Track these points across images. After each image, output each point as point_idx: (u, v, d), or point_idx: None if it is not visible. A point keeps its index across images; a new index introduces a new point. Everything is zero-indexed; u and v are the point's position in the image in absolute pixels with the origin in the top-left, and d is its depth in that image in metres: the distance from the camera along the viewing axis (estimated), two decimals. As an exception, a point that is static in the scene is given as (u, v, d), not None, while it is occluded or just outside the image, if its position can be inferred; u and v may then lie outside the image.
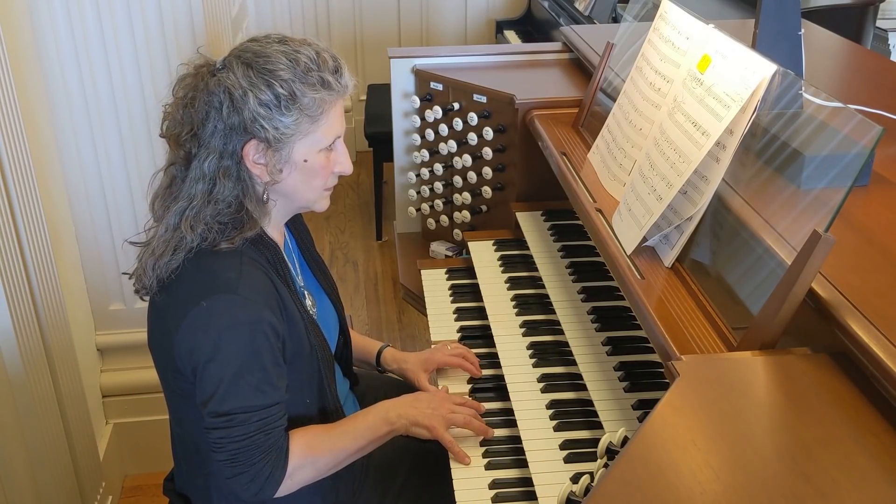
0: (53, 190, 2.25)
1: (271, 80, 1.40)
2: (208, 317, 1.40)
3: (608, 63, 2.06)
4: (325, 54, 1.46)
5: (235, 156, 1.43)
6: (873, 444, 1.03)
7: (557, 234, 2.12)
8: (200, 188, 1.43)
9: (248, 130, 1.41)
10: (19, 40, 2.06)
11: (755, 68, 1.34)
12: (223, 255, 1.44)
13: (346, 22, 4.77)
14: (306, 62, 1.42)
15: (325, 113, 1.45)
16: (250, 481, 1.44)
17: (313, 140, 1.46)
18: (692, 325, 1.33)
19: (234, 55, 1.45)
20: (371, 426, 1.56)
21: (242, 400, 1.41)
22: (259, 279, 1.45)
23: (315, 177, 1.50)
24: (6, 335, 1.88)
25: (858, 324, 1.12)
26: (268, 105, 1.40)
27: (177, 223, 1.44)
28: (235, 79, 1.40)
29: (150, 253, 1.47)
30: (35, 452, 2.02)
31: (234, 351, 1.40)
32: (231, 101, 1.40)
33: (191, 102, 1.43)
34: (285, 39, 1.46)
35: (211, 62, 1.46)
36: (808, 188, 1.40)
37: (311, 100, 1.42)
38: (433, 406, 1.60)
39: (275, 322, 1.43)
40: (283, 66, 1.41)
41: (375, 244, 4.15)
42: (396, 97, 2.52)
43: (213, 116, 1.41)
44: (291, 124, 1.42)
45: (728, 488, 0.97)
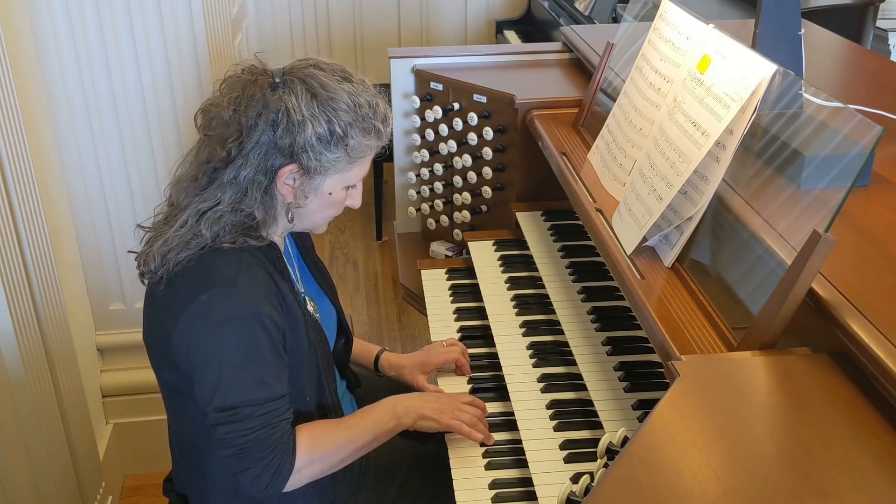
0: (53, 190, 2.25)
1: (332, 118, 1.44)
2: (207, 310, 1.41)
3: (608, 63, 2.06)
4: (380, 103, 1.51)
5: (271, 173, 1.45)
6: (873, 444, 1.03)
7: (557, 234, 2.12)
8: (229, 196, 1.45)
9: (294, 155, 1.44)
10: (19, 41, 2.06)
11: (755, 68, 1.34)
12: (224, 251, 1.45)
13: (346, 22, 4.77)
14: (365, 108, 1.47)
15: (363, 157, 1.51)
16: (258, 476, 1.44)
17: (344, 178, 1.51)
18: (692, 325, 1.33)
19: (299, 77, 1.46)
20: (378, 420, 1.58)
21: (246, 393, 1.41)
22: (258, 274, 1.46)
23: (332, 207, 1.55)
24: (6, 335, 1.88)
25: (858, 324, 1.12)
26: (320, 139, 1.43)
27: (196, 220, 1.45)
28: (297, 103, 1.42)
29: (164, 242, 1.47)
30: (35, 452, 2.02)
31: (235, 344, 1.41)
32: (288, 122, 1.42)
33: (244, 108, 1.44)
34: (349, 77, 1.50)
35: (268, 71, 1.48)
36: (808, 188, 1.40)
37: (358, 143, 1.47)
38: (441, 401, 1.63)
39: (274, 315, 1.44)
40: (344, 107, 1.45)
41: (375, 244, 4.15)
42: (396, 97, 2.52)
43: (262, 130, 1.43)
44: (333, 160, 1.46)
45: (728, 488, 0.97)
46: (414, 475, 1.72)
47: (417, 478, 1.72)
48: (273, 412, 1.44)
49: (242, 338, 1.41)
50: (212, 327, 1.41)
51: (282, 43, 4.70)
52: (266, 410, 1.43)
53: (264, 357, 1.43)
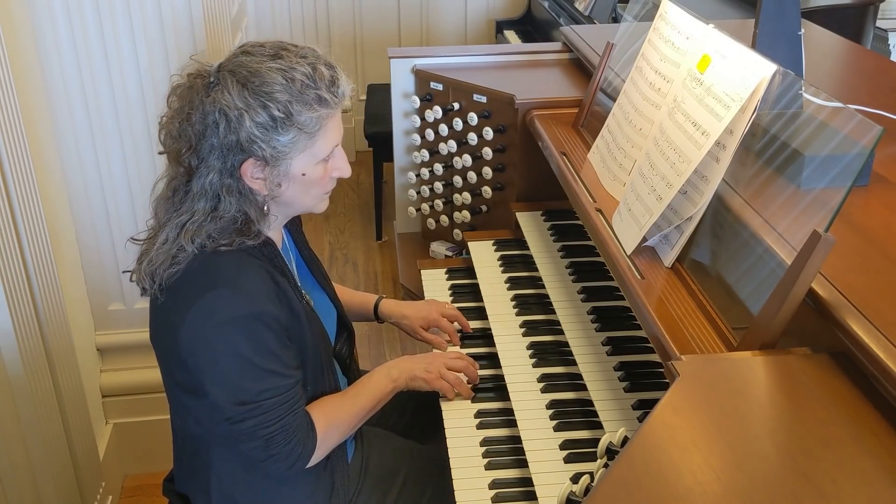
0: (53, 190, 2.25)
1: (267, 102, 1.38)
2: (211, 311, 1.42)
3: (608, 63, 2.06)
4: (321, 67, 1.44)
5: (234, 173, 1.43)
6: (873, 444, 1.03)
7: (557, 234, 2.12)
8: (203, 205, 1.43)
9: (245, 150, 1.40)
10: (19, 41, 2.06)
11: (755, 68, 1.34)
12: (222, 253, 1.45)
13: (346, 22, 4.77)
14: (302, 79, 1.40)
15: (322, 127, 1.44)
16: (286, 459, 1.49)
17: (311, 154, 1.46)
18: (692, 325, 1.33)
19: (228, 70, 1.42)
20: (377, 385, 1.67)
21: (263, 386, 1.44)
22: (258, 273, 1.46)
23: (314, 186, 1.51)
24: (6, 335, 1.88)
25: (858, 324, 1.12)
26: (264, 126, 1.39)
27: (176, 235, 1.44)
28: (231, 99, 1.38)
29: (150, 261, 1.47)
30: (35, 452, 2.02)
31: (242, 342, 1.42)
32: (227, 121, 1.39)
33: (187, 117, 1.42)
34: (279, 53, 1.43)
35: (204, 72, 1.44)
36: (808, 188, 1.40)
37: (307, 118, 1.41)
38: (429, 361, 1.75)
39: (276, 312, 1.45)
40: (278, 87, 1.39)
41: (375, 244, 4.15)
42: (396, 97, 2.52)
43: (209, 134, 1.40)
44: (288, 143, 1.41)
45: (728, 488, 0.97)
46: (414, 475, 1.72)
47: (417, 478, 1.72)
48: (291, 399, 1.48)
49: (248, 336, 1.42)
50: (217, 326, 1.42)
51: (282, 43, 4.69)
52: (285, 399, 1.46)
53: (272, 351, 1.45)
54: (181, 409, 1.60)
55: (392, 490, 1.69)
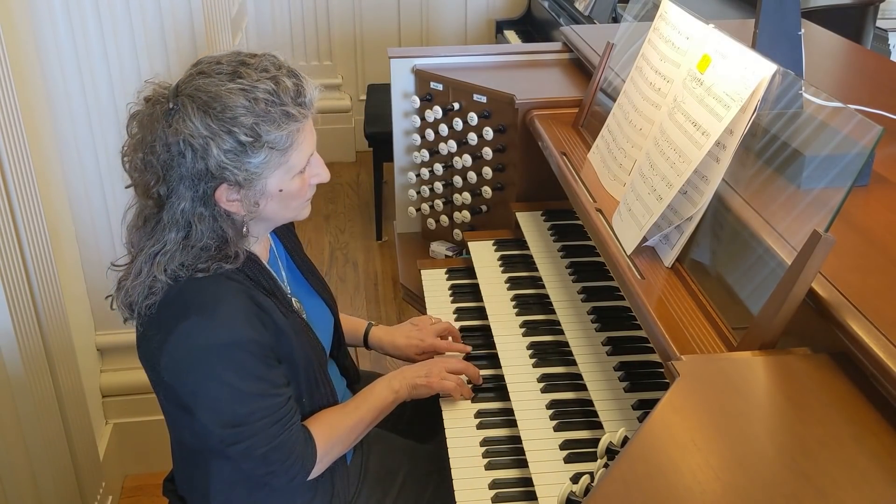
0: (53, 190, 2.25)
1: (231, 128, 1.32)
2: (188, 340, 1.39)
3: (608, 63, 2.06)
4: (283, 80, 1.37)
5: (208, 200, 1.38)
6: (873, 444, 1.03)
7: (557, 234, 2.12)
8: (174, 236, 1.38)
9: (217, 176, 1.35)
10: (19, 41, 2.06)
11: (755, 68, 1.34)
12: (198, 280, 1.41)
13: (346, 22, 4.77)
14: (266, 97, 1.34)
15: (294, 141, 1.39)
16: (284, 474, 1.49)
17: (286, 169, 1.41)
18: (692, 325, 1.33)
19: (187, 95, 1.35)
20: (379, 397, 1.66)
21: (252, 407, 1.42)
22: (234, 297, 1.42)
23: (295, 198, 1.46)
24: (6, 335, 1.88)
25: (858, 324, 1.12)
26: (232, 152, 1.34)
27: (150, 267, 1.40)
28: (194, 127, 1.32)
29: (125, 293, 1.44)
30: (35, 452, 2.02)
31: (224, 370, 1.40)
32: (192, 150, 1.33)
33: (150, 149, 1.36)
34: (238, 71, 1.36)
35: (162, 97, 1.37)
36: (808, 188, 1.40)
37: (277, 136, 1.36)
38: (428, 367, 1.75)
39: (255, 337, 1.41)
40: (242, 110, 1.33)
41: (375, 244, 4.15)
42: (396, 97, 2.51)
43: (176, 163, 1.35)
44: (261, 163, 1.36)
45: (728, 488, 0.97)
46: (414, 475, 1.72)
47: (418, 478, 1.72)
48: (284, 417, 1.46)
49: (228, 364, 1.40)
50: (196, 356, 1.39)
51: (282, 43, 4.69)
52: (277, 418, 1.44)
53: (256, 375, 1.42)
54: (177, 423, 1.59)
55: (392, 490, 1.69)
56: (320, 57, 4.80)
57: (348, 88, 4.92)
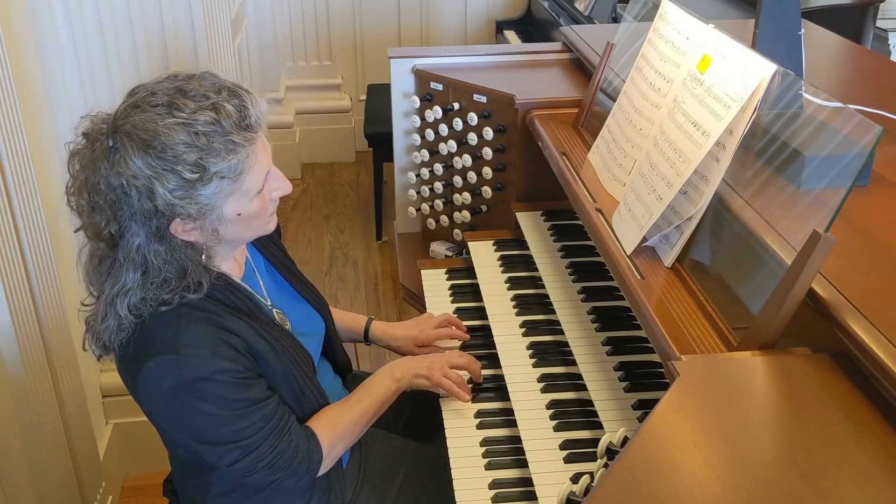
0: (53, 190, 2.25)
1: (175, 167, 1.26)
2: (158, 379, 1.36)
3: (608, 63, 2.06)
4: (224, 105, 1.29)
5: (164, 235, 1.33)
6: (873, 444, 1.03)
7: (557, 234, 2.12)
8: (132, 276, 1.33)
9: (167, 214, 1.30)
10: (19, 40, 2.06)
11: (755, 68, 1.34)
12: (161, 315, 1.37)
13: (346, 22, 4.77)
14: (207, 130, 1.27)
15: (245, 166, 1.32)
16: (292, 475, 1.49)
17: (242, 193, 1.35)
18: (692, 325, 1.33)
19: (125, 132, 1.28)
20: (380, 387, 1.66)
21: (239, 425, 1.40)
22: (199, 330, 1.37)
23: (256, 218, 1.41)
24: (6, 335, 1.88)
25: (858, 324, 1.12)
26: (179, 188, 1.27)
27: (114, 309, 1.35)
28: (136, 167, 1.26)
29: (96, 337, 1.40)
30: (35, 452, 2.02)
31: (198, 403, 1.37)
32: (137, 190, 1.28)
33: (94, 189, 1.31)
34: (175, 102, 1.28)
35: (100, 133, 1.31)
36: (808, 188, 1.40)
37: (225, 167, 1.29)
38: (431, 360, 1.73)
39: (227, 366, 1.38)
40: (183, 147, 1.26)
41: (375, 244, 4.15)
42: (396, 97, 2.52)
43: (124, 202, 1.29)
44: (213, 194, 1.30)
45: (728, 488, 0.97)
46: (414, 475, 1.72)
47: (417, 478, 1.72)
48: (278, 425, 1.45)
49: (202, 396, 1.37)
50: (169, 395, 1.37)
51: (282, 43, 4.70)
52: (272, 427, 1.44)
53: (236, 399, 1.39)
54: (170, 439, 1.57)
55: (391, 490, 1.69)
56: (320, 57, 4.80)
57: (348, 88, 4.92)
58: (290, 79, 4.79)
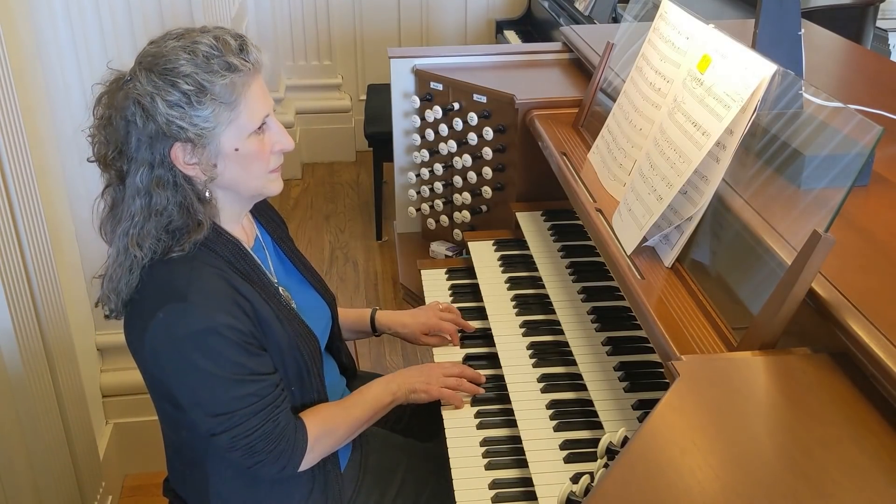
0: (53, 190, 2.25)
1: (174, 79, 1.36)
2: (165, 328, 1.40)
3: (608, 63, 2.06)
4: (226, 37, 1.41)
5: (166, 163, 1.40)
6: (873, 444, 1.03)
7: (557, 234, 2.12)
8: (139, 204, 1.40)
9: (168, 135, 1.37)
10: (19, 40, 2.06)
11: (755, 68, 1.34)
12: (174, 262, 1.42)
13: (346, 22, 4.77)
14: (206, 51, 1.38)
15: (241, 96, 1.40)
16: (272, 464, 1.49)
17: (238, 126, 1.42)
18: (692, 325, 1.33)
19: (137, 62, 1.41)
20: (377, 397, 1.67)
21: (232, 394, 1.42)
22: (211, 282, 1.42)
23: (253, 162, 1.46)
24: (6, 335, 1.88)
25: (858, 324, 1.12)
26: (178, 104, 1.36)
27: (125, 245, 1.42)
28: (142, 86, 1.37)
29: (109, 279, 1.46)
30: (35, 452, 2.02)
31: (199, 357, 1.40)
32: (142, 110, 1.36)
33: (108, 121, 1.41)
34: (183, 34, 1.42)
35: (121, 76, 1.43)
36: (808, 188, 1.40)
37: (221, 87, 1.38)
38: (427, 374, 1.74)
39: (233, 322, 1.41)
40: (183, 62, 1.37)
41: (375, 244, 4.15)
42: (396, 97, 2.51)
43: (132, 130, 1.38)
44: (209, 117, 1.38)
45: (728, 488, 0.97)
46: (413, 475, 1.72)
47: (417, 478, 1.72)
48: (270, 405, 1.46)
49: (204, 350, 1.40)
50: (174, 345, 1.40)
51: (282, 43, 4.70)
52: (261, 407, 1.44)
53: (233, 361, 1.42)
54: (171, 422, 1.59)
55: (391, 488, 1.69)
56: (320, 57, 4.80)
57: (348, 88, 4.92)
58: (290, 78, 4.79)
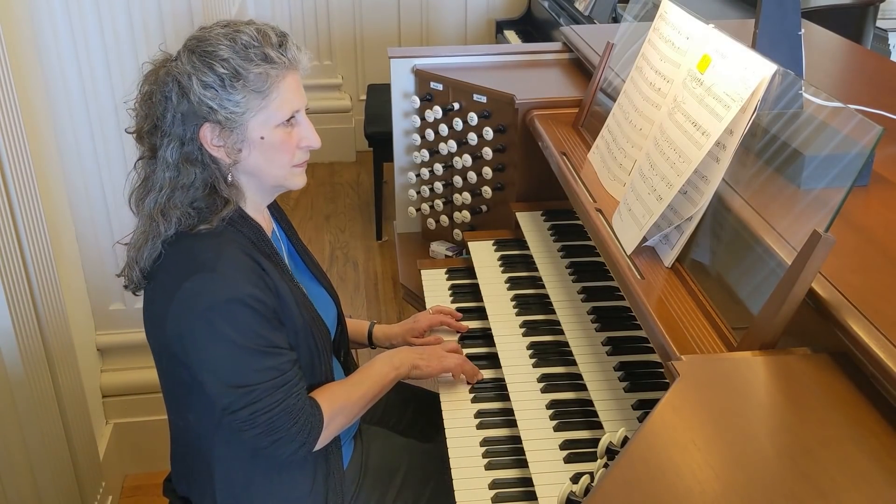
0: (53, 190, 2.25)
1: (211, 62, 1.42)
2: (192, 297, 1.42)
3: (608, 63, 2.06)
4: (268, 30, 1.47)
5: (195, 141, 1.45)
6: (873, 444, 1.03)
7: (557, 234, 2.12)
8: (168, 175, 1.46)
9: (199, 114, 1.43)
10: (19, 40, 2.06)
11: (755, 68, 1.34)
12: (202, 236, 1.46)
13: (346, 22, 4.77)
14: (247, 39, 1.43)
15: (273, 87, 1.45)
16: (290, 443, 1.49)
17: (266, 116, 1.46)
18: (692, 325, 1.33)
19: (184, 44, 1.47)
20: (380, 373, 1.68)
21: (255, 366, 1.44)
22: (238, 257, 1.46)
23: (277, 153, 1.49)
24: (6, 335, 1.88)
25: (858, 324, 1.12)
26: (212, 86, 1.41)
27: (150, 212, 1.47)
28: (182, 66, 1.43)
29: (132, 246, 1.51)
30: (35, 452, 2.02)
31: (226, 326, 1.42)
32: (179, 88, 1.43)
33: (148, 97, 1.47)
34: (230, 23, 1.48)
35: (170, 56, 1.49)
36: (808, 188, 1.40)
37: (255, 75, 1.42)
38: (428, 352, 1.78)
39: (259, 294, 1.45)
40: (223, 47, 1.42)
41: (375, 244, 4.15)
42: (396, 97, 2.52)
43: (168, 106, 1.44)
44: (240, 101, 1.42)
45: (728, 488, 0.97)
46: (414, 475, 1.72)
47: (417, 478, 1.72)
48: (290, 381, 1.48)
49: (231, 320, 1.42)
50: (200, 314, 1.42)
51: (282, 43, 4.69)
52: (283, 382, 1.46)
53: (258, 332, 1.45)
54: (180, 409, 1.60)
55: (392, 488, 1.69)
56: (320, 57, 4.80)
57: (348, 88, 4.92)
58: (290, 79, 4.78)
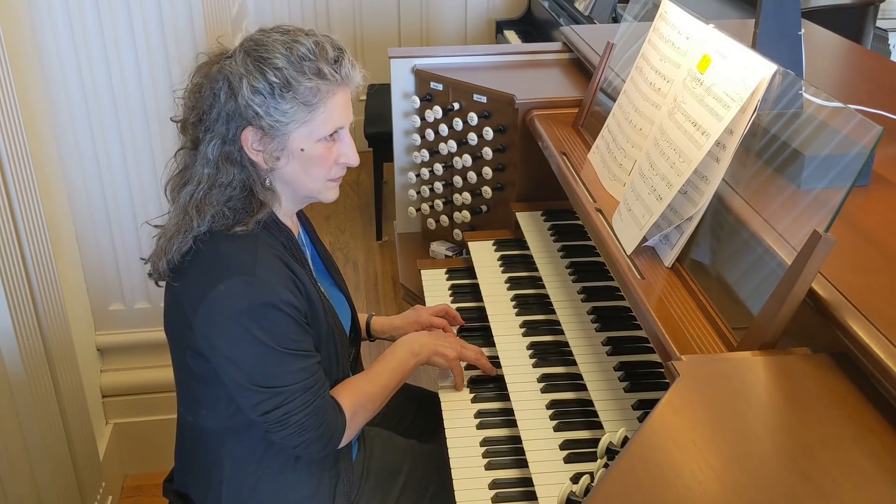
0: (53, 190, 2.25)
1: (265, 68, 1.41)
2: (227, 298, 1.42)
3: (608, 63, 2.06)
4: (326, 45, 1.46)
5: (236, 142, 1.45)
6: (873, 444, 1.03)
7: (557, 234, 2.12)
8: (207, 171, 1.46)
9: (244, 117, 1.43)
10: (19, 40, 2.06)
11: (755, 68, 1.34)
12: (238, 238, 1.46)
13: (346, 22, 4.77)
14: (303, 52, 1.43)
15: (322, 102, 1.45)
16: (317, 442, 1.51)
17: (310, 129, 1.46)
18: (692, 325, 1.33)
19: (241, 44, 1.48)
20: (401, 360, 1.69)
21: (287, 368, 1.45)
22: (274, 261, 1.47)
23: (314, 166, 1.50)
24: (6, 335, 1.88)
25: (858, 324, 1.12)
26: (261, 92, 1.41)
27: (185, 204, 1.47)
28: (236, 66, 1.43)
29: (163, 234, 1.51)
30: (35, 452, 2.02)
31: (259, 330, 1.43)
32: (229, 87, 1.43)
33: (198, 89, 1.47)
34: (290, 30, 1.48)
35: (225, 51, 1.49)
36: (808, 188, 1.40)
37: (306, 88, 1.42)
38: (448, 339, 1.79)
39: (293, 300, 1.46)
40: (279, 55, 1.42)
41: (375, 244, 4.15)
42: (396, 97, 2.52)
43: (215, 103, 1.44)
44: (287, 111, 1.43)
45: (728, 488, 0.97)
46: (416, 475, 1.72)
47: (419, 477, 1.72)
48: (316, 383, 1.49)
49: (265, 324, 1.43)
50: (233, 316, 1.42)
51: (282, 43, 4.69)
52: (312, 384, 1.48)
53: (290, 336, 1.46)
54: (193, 402, 1.60)
55: (394, 489, 1.69)
56: (320, 57, 4.80)
57: (348, 88, 4.92)
58: (290, 79, 4.79)
